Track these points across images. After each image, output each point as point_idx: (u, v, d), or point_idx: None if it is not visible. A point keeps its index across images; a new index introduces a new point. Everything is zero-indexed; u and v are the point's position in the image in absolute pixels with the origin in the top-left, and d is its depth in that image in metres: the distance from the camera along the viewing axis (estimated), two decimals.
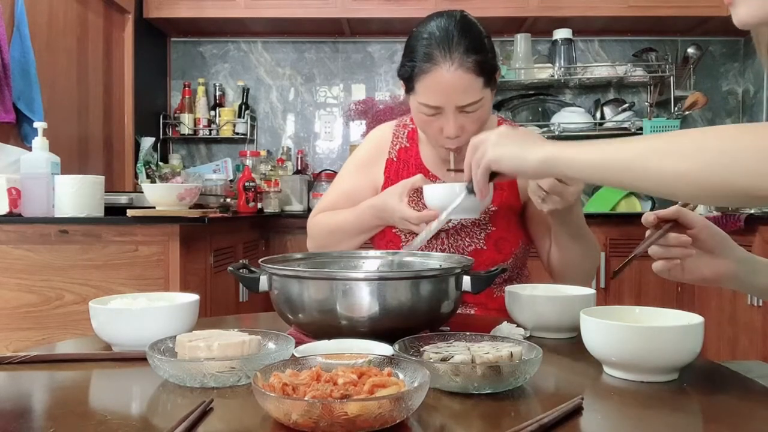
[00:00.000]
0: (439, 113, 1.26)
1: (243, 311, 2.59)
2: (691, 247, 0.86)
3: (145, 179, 3.26)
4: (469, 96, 1.24)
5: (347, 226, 1.40)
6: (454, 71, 1.21)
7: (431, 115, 1.27)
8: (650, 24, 3.61)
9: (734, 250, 0.88)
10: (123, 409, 0.72)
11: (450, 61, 1.21)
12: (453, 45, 1.21)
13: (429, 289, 0.93)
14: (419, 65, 1.24)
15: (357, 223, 1.39)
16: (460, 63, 1.21)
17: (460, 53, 1.21)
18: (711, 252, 0.87)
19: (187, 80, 3.81)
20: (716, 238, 0.87)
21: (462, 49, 1.21)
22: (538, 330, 1.02)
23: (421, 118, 1.30)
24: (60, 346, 1.04)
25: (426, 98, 1.25)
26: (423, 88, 1.25)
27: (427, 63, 1.23)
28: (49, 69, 2.57)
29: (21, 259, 1.86)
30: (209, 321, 1.18)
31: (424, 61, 1.23)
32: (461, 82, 1.22)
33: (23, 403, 0.75)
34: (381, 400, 0.59)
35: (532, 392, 0.74)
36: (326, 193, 1.56)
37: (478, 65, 1.22)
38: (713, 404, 0.73)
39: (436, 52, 1.22)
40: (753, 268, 0.89)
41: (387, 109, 3.60)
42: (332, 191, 1.54)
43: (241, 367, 0.75)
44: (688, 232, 0.86)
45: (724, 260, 0.87)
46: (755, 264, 0.89)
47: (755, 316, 2.69)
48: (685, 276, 0.87)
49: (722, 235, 0.87)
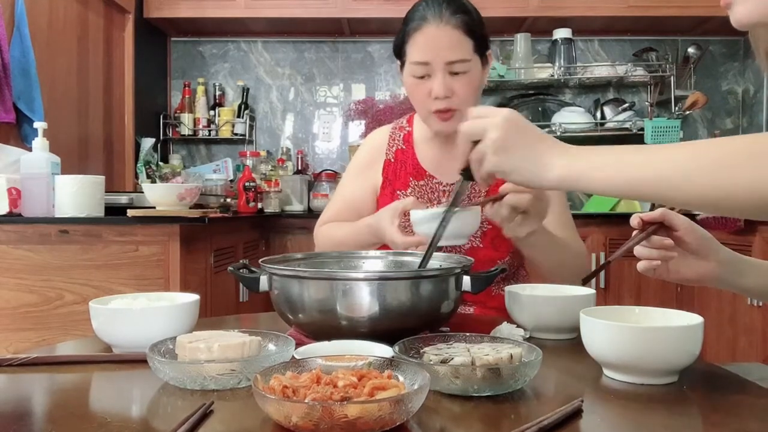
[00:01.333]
0: (428, 75, 1.30)
1: (243, 311, 2.59)
2: (675, 249, 0.87)
3: (145, 179, 3.26)
4: (457, 52, 1.28)
5: (348, 241, 1.42)
6: (443, 26, 1.28)
7: (420, 76, 1.31)
8: (650, 24, 3.61)
9: (718, 252, 0.89)
10: (123, 412, 0.72)
11: (440, 18, 1.28)
12: (443, 7, 1.29)
13: (429, 289, 0.93)
14: (411, 26, 1.31)
15: (356, 240, 1.40)
16: (449, 20, 1.28)
17: (450, 12, 1.28)
18: (695, 253, 0.88)
19: (187, 80, 3.81)
20: (700, 240, 0.87)
21: (452, 9, 1.29)
22: (538, 330, 1.02)
23: (411, 83, 1.33)
24: (60, 348, 1.04)
25: (416, 55, 1.30)
26: (413, 47, 1.30)
27: (419, 22, 1.29)
28: (49, 69, 2.56)
29: (21, 259, 1.86)
30: (209, 321, 1.18)
31: (416, 21, 1.30)
32: (450, 37, 1.28)
33: (23, 405, 0.75)
34: (381, 402, 0.59)
35: (532, 394, 0.74)
36: (330, 202, 1.58)
37: (466, 25, 1.29)
38: (713, 407, 0.73)
39: (426, 13, 1.29)
40: (737, 269, 0.90)
41: (387, 109, 3.61)
42: (335, 199, 1.56)
43: (241, 370, 0.75)
44: (674, 234, 0.87)
45: (708, 262, 0.88)
46: (740, 265, 0.90)
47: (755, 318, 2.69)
48: (670, 276, 0.89)
49: (707, 237, 0.88)
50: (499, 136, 0.80)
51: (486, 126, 0.81)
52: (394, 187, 1.46)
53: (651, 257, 0.87)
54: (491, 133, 0.80)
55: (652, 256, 0.87)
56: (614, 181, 0.73)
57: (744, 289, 0.91)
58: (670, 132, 3.42)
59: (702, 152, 0.68)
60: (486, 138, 0.81)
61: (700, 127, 3.85)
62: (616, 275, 3.13)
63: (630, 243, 0.87)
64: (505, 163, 0.80)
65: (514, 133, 0.80)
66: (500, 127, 0.80)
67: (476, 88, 1.34)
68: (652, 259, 0.87)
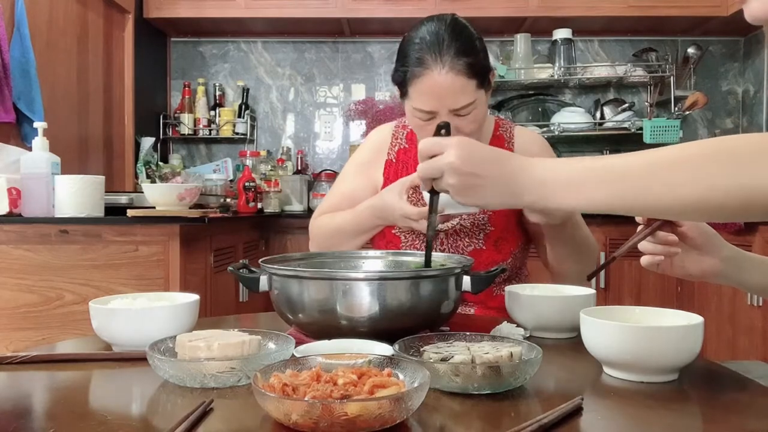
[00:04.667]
0: (434, 117, 1.25)
1: (243, 311, 2.59)
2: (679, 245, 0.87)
3: (145, 179, 3.26)
4: (461, 99, 1.23)
5: (347, 227, 1.40)
6: (445, 74, 1.21)
7: (426, 120, 1.26)
8: (650, 24, 3.61)
9: (722, 248, 0.89)
10: (123, 410, 0.72)
11: (441, 64, 1.21)
12: (444, 48, 1.21)
13: (429, 289, 0.93)
14: (411, 70, 1.24)
15: (356, 223, 1.39)
16: (452, 66, 1.21)
17: (451, 56, 1.21)
18: (699, 249, 0.88)
19: (187, 80, 3.81)
20: (704, 236, 0.88)
21: (453, 52, 1.21)
22: (538, 330, 1.02)
23: (416, 123, 1.29)
24: (60, 346, 1.04)
25: (420, 103, 1.25)
26: (416, 93, 1.25)
27: (419, 68, 1.23)
28: (49, 69, 2.56)
29: (21, 259, 1.86)
30: (209, 321, 1.18)
31: (416, 65, 1.23)
32: (453, 86, 1.21)
33: (23, 403, 0.75)
34: (381, 400, 0.59)
35: (531, 392, 0.74)
36: (327, 196, 1.56)
37: (469, 67, 1.22)
38: (713, 405, 0.73)
39: (427, 56, 1.22)
40: (740, 266, 0.90)
41: (387, 109, 3.61)
42: (333, 193, 1.54)
43: (241, 368, 0.75)
44: (678, 230, 0.87)
45: (711, 258, 0.88)
46: (743, 262, 0.90)
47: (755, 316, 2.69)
48: (674, 271, 0.89)
49: (711, 233, 0.88)
50: (458, 181, 0.78)
51: (441, 168, 0.79)
52: None
53: (655, 252, 0.87)
54: (449, 178, 0.78)
55: (656, 251, 0.87)
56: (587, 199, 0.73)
57: (746, 285, 0.92)
58: (669, 132, 3.42)
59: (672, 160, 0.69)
60: (445, 183, 0.79)
61: (700, 127, 3.85)
62: (617, 275, 3.14)
63: (635, 239, 0.87)
64: (472, 201, 0.79)
65: (472, 172, 0.77)
66: (454, 170, 0.77)
67: (481, 118, 1.30)
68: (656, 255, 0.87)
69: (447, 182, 0.79)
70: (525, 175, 0.76)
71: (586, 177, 0.73)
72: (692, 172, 0.67)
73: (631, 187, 0.71)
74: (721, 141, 0.68)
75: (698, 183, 0.67)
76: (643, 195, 0.70)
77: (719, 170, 0.66)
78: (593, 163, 0.74)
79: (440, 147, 0.79)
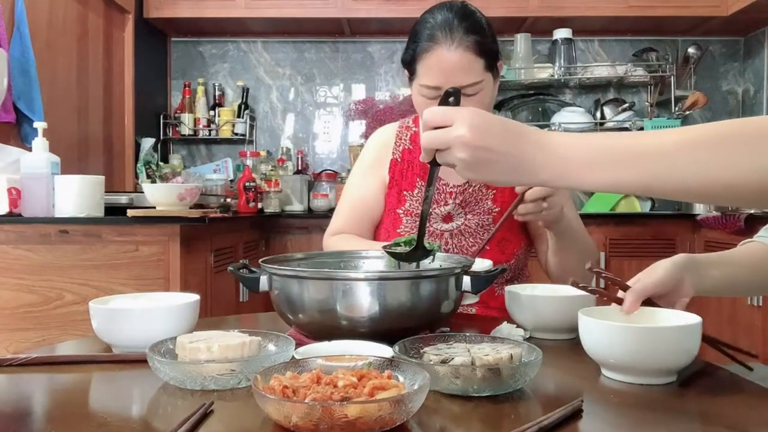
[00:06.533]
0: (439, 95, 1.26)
1: (243, 311, 2.59)
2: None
3: (145, 179, 3.26)
4: (469, 76, 1.25)
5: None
6: (454, 50, 1.24)
7: (432, 97, 1.28)
8: (650, 24, 3.61)
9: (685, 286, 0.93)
10: (123, 412, 0.72)
11: (450, 40, 1.24)
12: (454, 26, 1.25)
13: (429, 289, 0.93)
14: (421, 45, 1.27)
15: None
16: (460, 42, 1.24)
17: (461, 34, 1.24)
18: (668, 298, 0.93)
19: (187, 80, 3.81)
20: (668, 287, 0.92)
21: (462, 30, 1.25)
22: (538, 331, 1.02)
23: (421, 101, 1.31)
24: (60, 348, 1.04)
25: (427, 79, 1.27)
26: (424, 69, 1.27)
27: (429, 42, 1.26)
28: (49, 69, 2.56)
29: (21, 259, 1.86)
30: (209, 321, 1.18)
31: (426, 41, 1.26)
32: (461, 61, 1.24)
33: (23, 405, 0.75)
34: (381, 402, 0.59)
35: (531, 394, 0.74)
36: (338, 209, 1.52)
37: (478, 45, 1.25)
38: (712, 406, 0.73)
39: (437, 33, 1.26)
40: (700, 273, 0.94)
41: (387, 109, 3.61)
42: (343, 206, 1.51)
43: (241, 370, 0.75)
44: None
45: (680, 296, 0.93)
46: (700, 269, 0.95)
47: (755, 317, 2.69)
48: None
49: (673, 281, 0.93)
50: (468, 155, 0.71)
51: (450, 141, 0.72)
52: (401, 188, 1.45)
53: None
54: (458, 152, 0.71)
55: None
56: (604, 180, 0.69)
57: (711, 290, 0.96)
58: None
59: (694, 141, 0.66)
60: (453, 156, 0.72)
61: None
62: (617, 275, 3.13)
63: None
64: (481, 176, 0.73)
65: (484, 146, 0.70)
66: (465, 145, 0.70)
67: (488, 104, 1.32)
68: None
69: (455, 156, 0.72)
70: (542, 151, 0.70)
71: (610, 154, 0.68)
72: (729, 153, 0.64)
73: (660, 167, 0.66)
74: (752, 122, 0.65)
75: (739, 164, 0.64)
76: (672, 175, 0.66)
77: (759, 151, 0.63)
78: (617, 140, 0.69)
79: (449, 118, 0.72)
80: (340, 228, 1.48)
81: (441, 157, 0.75)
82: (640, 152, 0.68)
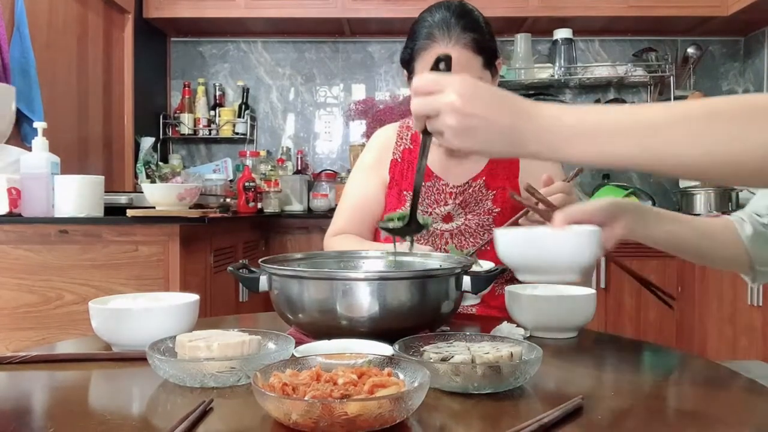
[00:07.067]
0: None
1: (243, 311, 2.59)
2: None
3: (145, 179, 3.26)
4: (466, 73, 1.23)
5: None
6: (452, 47, 1.25)
7: None
8: (650, 24, 3.61)
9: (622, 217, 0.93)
10: (123, 409, 0.72)
11: (448, 38, 1.25)
12: (451, 24, 1.26)
13: (429, 289, 0.93)
14: (419, 44, 1.28)
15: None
16: (458, 39, 1.25)
17: (458, 31, 1.25)
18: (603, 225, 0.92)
19: (187, 80, 3.81)
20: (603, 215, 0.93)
21: (460, 28, 1.26)
22: (538, 330, 1.02)
23: None
24: (60, 346, 1.04)
25: None
26: (422, 67, 1.28)
27: (427, 41, 1.27)
28: (49, 69, 2.56)
29: (21, 259, 1.86)
30: (209, 321, 1.18)
31: (424, 39, 1.27)
32: (459, 59, 1.24)
33: (23, 403, 0.75)
34: (381, 400, 0.59)
35: (532, 392, 0.74)
36: (339, 209, 1.53)
37: (475, 42, 1.26)
38: (713, 404, 0.73)
39: (435, 31, 1.27)
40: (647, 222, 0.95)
41: (387, 109, 3.61)
42: (343, 206, 1.51)
43: (241, 367, 0.75)
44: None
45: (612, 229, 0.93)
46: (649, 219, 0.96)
47: (755, 316, 2.69)
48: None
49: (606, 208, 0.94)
50: (457, 122, 0.69)
51: (439, 108, 0.71)
52: (401, 188, 1.45)
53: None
54: (447, 119, 0.70)
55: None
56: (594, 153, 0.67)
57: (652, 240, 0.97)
58: None
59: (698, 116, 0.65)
60: (442, 123, 0.71)
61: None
62: (617, 275, 3.13)
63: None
64: (468, 145, 0.71)
65: (473, 113, 0.69)
66: (455, 111, 0.69)
67: None
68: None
69: (444, 123, 0.70)
70: (532, 122, 0.68)
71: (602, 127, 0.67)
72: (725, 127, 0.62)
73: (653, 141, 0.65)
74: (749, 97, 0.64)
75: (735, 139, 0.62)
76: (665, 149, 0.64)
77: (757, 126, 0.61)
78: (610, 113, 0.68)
79: (439, 85, 0.71)
80: (341, 228, 1.48)
81: (431, 125, 0.73)
82: (632, 125, 0.66)
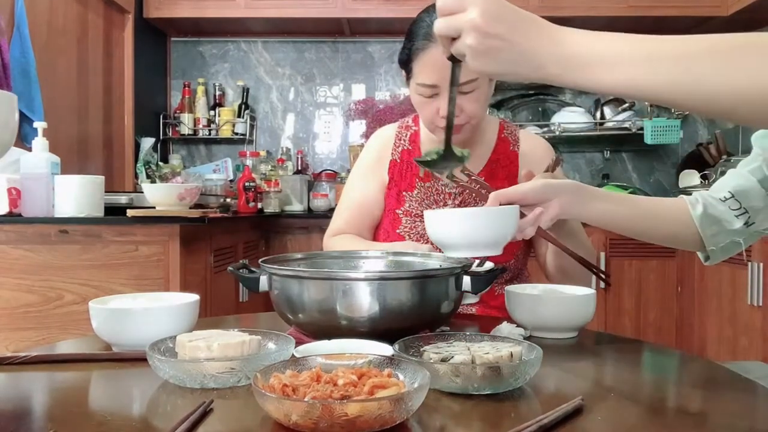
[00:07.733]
0: (436, 93, 1.29)
1: (243, 311, 2.59)
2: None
3: (145, 179, 3.26)
4: (464, 73, 1.24)
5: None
6: None
7: (429, 96, 1.29)
8: (650, 24, 3.61)
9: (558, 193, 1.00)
10: (123, 410, 0.72)
11: None
12: None
13: (429, 289, 0.93)
14: (417, 44, 1.28)
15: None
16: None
17: None
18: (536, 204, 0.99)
19: (187, 80, 3.81)
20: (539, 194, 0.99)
21: None
22: (537, 330, 1.02)
23: (419, 100, 1.32)
24: (60, 346, 1.04)
25: (423, 77, 1.28)
26: (420, 67, 1.28)
27: (424, 41, 1.27)
28: (49, 69, 2.56)
29: (21, 259, 1.86)
30: (209, 321, 1.18)
31: (422, 39, 1.27)
32: None
33: (23, 403, 0.75)
34: (381, 401, 0.59)
35: (532, 393, 0.74)
36: (338, 209, 1.53)
37: None
38: (713, 405, 0.73)
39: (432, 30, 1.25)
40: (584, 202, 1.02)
41: (387, 109, 3.61)
42: (343, 207, 1.52)
43: (241, 368, 0.74)
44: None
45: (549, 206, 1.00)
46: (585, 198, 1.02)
47: (755, 317, 2.69)
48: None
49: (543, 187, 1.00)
50: (476, 41, 0.69)
51: (460, 26, 0.70)
52: (400, 188, 1.45)
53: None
54: (467, 38, 0.69)
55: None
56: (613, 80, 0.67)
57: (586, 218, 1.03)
58: (670, 132, 3.42)
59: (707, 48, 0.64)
60: (462, 42, 0.70)
61: (701, 127, 3.85)
62: (617, 275, 3.14)
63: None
64: (487, 68, 0.71)
65: (495, 33, 0.68)
66: (476, 30, 0.69)
67: (484, 102, 1.32)
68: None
69: (465, 43, 0.70)
70: (554, 44, 0.69)
71: (624, 54, 0.66)
72: (749, 59, 0.62)
73: (676, 70, 0.64)
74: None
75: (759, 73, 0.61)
76: (687, 78, 0.63)
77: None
78: (633, 41, 0.67)
79: (461, 4, 0.70)
80: (340, 229, 1.48)
81: (455, 48, 0.72)
82: (655, 53, 0.66)
